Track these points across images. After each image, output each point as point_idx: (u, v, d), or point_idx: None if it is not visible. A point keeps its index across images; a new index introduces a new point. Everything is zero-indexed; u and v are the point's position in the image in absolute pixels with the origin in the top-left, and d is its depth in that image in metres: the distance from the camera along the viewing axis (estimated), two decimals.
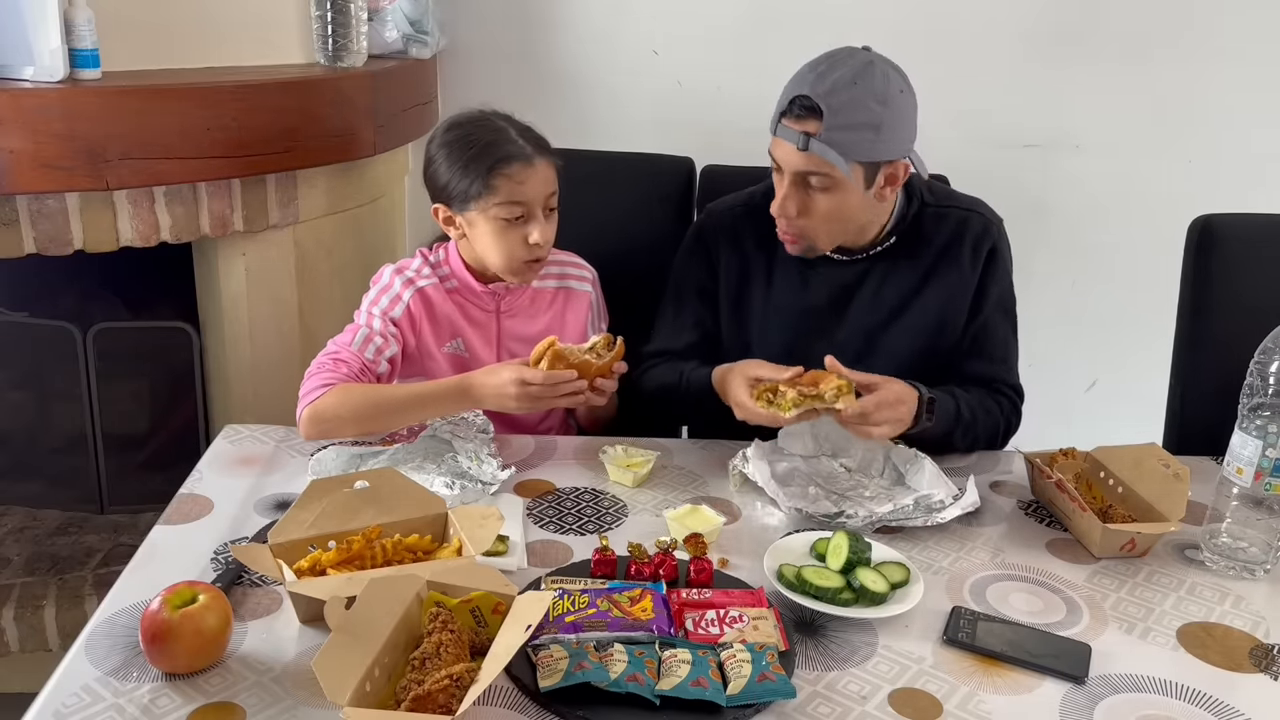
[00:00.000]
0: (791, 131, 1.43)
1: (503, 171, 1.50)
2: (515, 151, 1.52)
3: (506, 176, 1.51)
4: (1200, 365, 1.82)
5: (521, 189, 1.52)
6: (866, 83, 1.42)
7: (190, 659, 1.01)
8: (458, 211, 1.57)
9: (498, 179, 1.50)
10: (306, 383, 1.50)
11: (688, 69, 2.57)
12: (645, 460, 1.42)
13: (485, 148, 1.52)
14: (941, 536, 1.33)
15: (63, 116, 1.67)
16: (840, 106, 1.41)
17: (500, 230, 1.53)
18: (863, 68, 1.42)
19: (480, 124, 1.56)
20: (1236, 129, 2.52)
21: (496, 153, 1.51)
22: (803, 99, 1.42)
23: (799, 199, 1.49)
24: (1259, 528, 1.27)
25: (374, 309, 1.59)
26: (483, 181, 1.51)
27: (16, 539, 2.18)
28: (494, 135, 1.53)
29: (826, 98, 1.40)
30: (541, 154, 1.55)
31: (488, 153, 1.51)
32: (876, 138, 1.44)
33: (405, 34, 2.34)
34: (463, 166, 1.52)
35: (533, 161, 1.53)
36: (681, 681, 0.98)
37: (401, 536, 1.17)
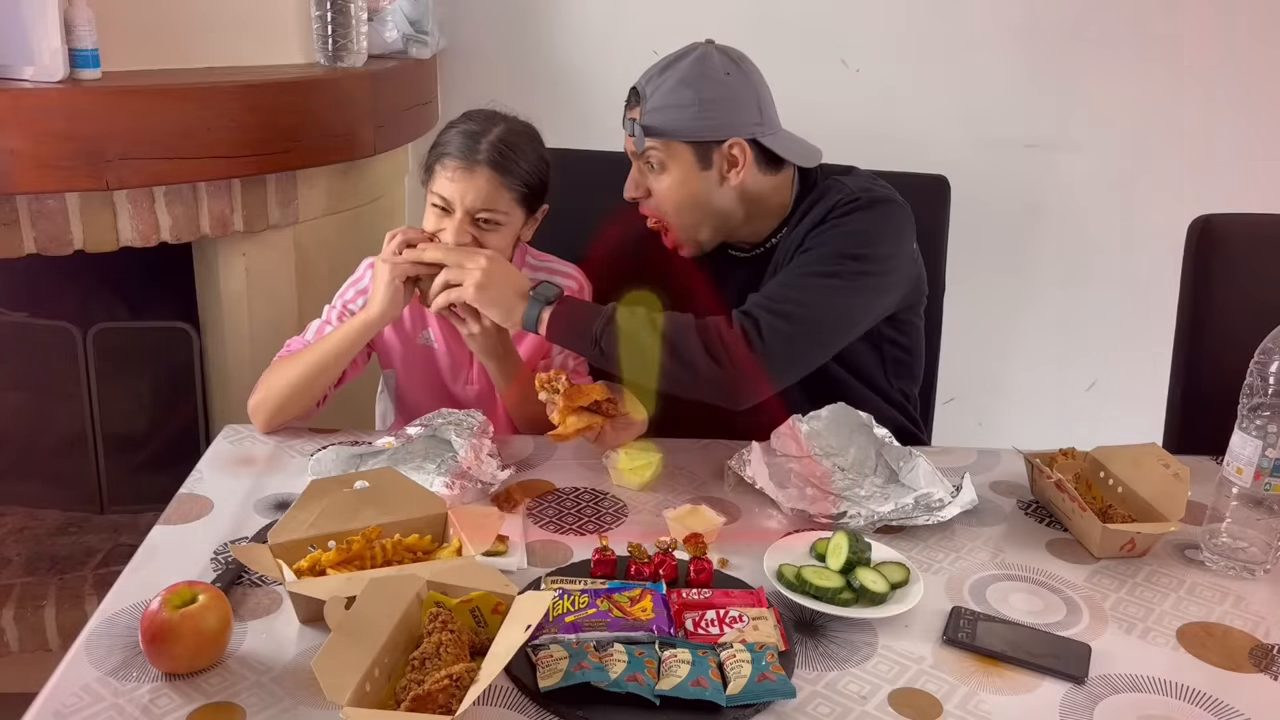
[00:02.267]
0: (627, 120, 1.55)
1: (442, 162, 1.50)
2: (461, 150, 1.48)
3: (443, 168, 1.50)
4: (1200, 365, 1.82)
5: (450, 186, 1.48)
6: (679, 68, 1.51)
7: (190, 659, 1.01)
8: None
9: (436, 167, 1.51)
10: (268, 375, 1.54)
11: None
12: (649, 462, 1.42)
13: (446, 139, 1.52)
14: (941, 536, 1.33)
15: (63, 116, 1.67)
16: (653, 91, 1.51)
17: (432, 219, 1.52)
18: (683, 53, 1.53)
19: (472, 117, 1.55)
20: (1236, 129, 2.52)
21: (448, 145, 1.51)
22: (632, 90, 1.54)
23: (636, 181, 1.57)
24: (1259, 528, 1.27)
25: (338, 300, 1.62)
26: (429, 166, 1.53)
27: (16, 539, 2.18)
28: (465, 130, 1.51)
29: (644, 84, 1.52)
30: (491, 168, 1.47)
31: (440, 142, 1.53)
32: (697, 116, 1.49)
33: (405, 34, 2.34)
34: (431, 148, 1.55)
35: (472, 168, 1.47)
36: (681, 681, 0.98)
37: (401, 536, 1.17)
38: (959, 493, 1.35)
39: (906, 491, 1.37)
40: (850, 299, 1.48)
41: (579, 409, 1.37)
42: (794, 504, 1.35)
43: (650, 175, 1.56)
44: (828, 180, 1.59)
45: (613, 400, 1.39)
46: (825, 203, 1.54)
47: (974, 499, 1.34)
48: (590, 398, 1.37)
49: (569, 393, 1.37)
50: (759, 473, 1.39)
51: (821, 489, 1.41)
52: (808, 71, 2.48)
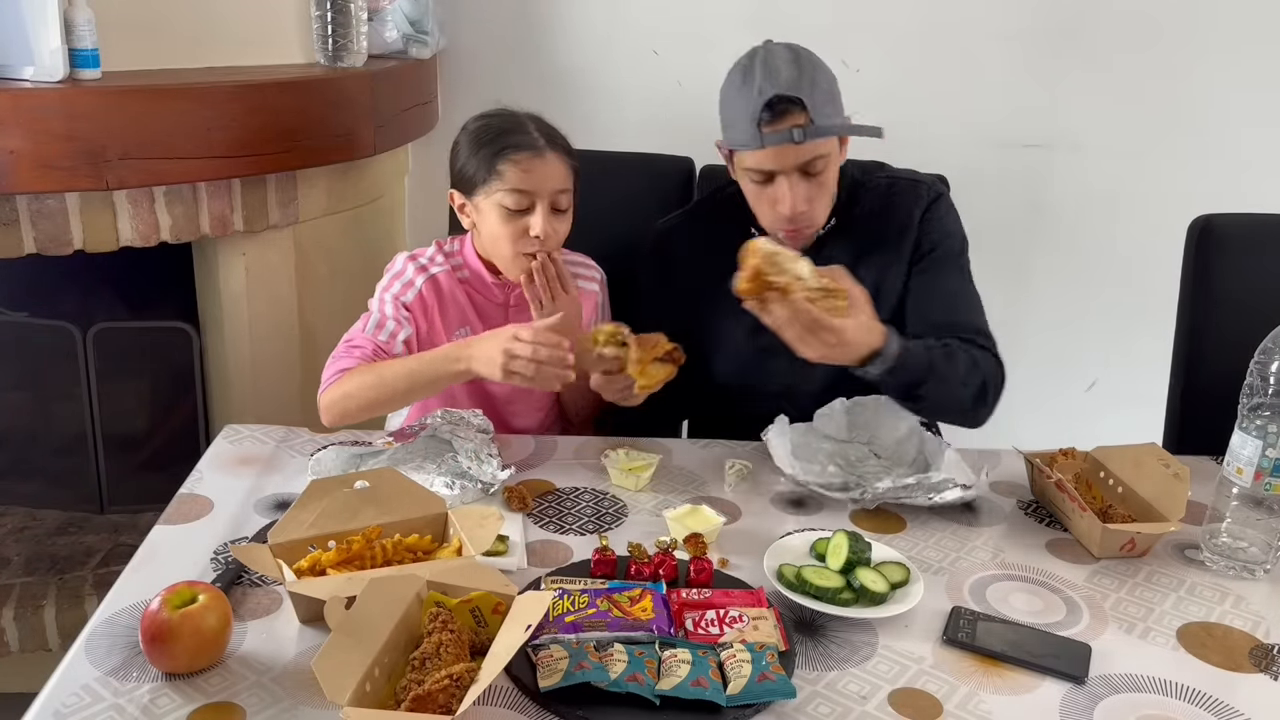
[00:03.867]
0: (780, 133, 1.44)
1: (510, 157, 1.51)
2: (526, 141, 1.53)
3: (514, 163, 1.51)
4: (1200, 365, 1.82)
5: (527, 177, 1.51)
6: (809, 61, 1.48)
7: (190, 659, 1.01)
8: (468, 197, 1.57)
9: (505, 164, 1.51)
10: (324, 372, 1.51)
11: (688, 69, 2.57)
12: (647, 464, 1.42)
13: (500, 134, 1.54)
14: (942, 536, 1.33)
15: (63, 116, 1.67)
16: (810, 87, 1.44)
17: (503, 218, 1.53)
18: (792, 54, 1.48)
19: (501, 115, 1.58)
20: (1236, 129, 2.52)
21: (507, 139, 1.53)
22: (780, 99, 1.42)
23: (806, 191, 1.49)
24: (1259, 528, 1.27)
25: (386, 294, 1.60)
26: (489, 166, 1.52)
27: (16, 539, 2.18)
28: (511, 124, 1.55)
29: (797, 87, 1.43)
30: (554, 148, 1.55)
31: (500, 139, 1.53)
32: (838, 102, 1.49)
33: (405, 34, 2.34)
34: (476, 151, 1.54)
35: (543, 153, 1.53)
36: (681, 681, 0.98)
37: (401, 536, 1.17)
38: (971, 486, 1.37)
39: (911, 473, 1.37)
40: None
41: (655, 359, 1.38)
42: (805, 476, 1.37)
43: (811, 180, 1.49)
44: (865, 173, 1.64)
45: (678, 347, 1.42)
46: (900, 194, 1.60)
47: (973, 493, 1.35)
48: (662, 347, 1.41)
49: (641, 342, 1.40)
50: (779, 446, 1.41)
51: (846, 470, 1.43)
52: None
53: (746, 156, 1.48)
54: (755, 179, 1.50)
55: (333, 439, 1.50)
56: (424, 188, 2.64)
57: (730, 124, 1.50)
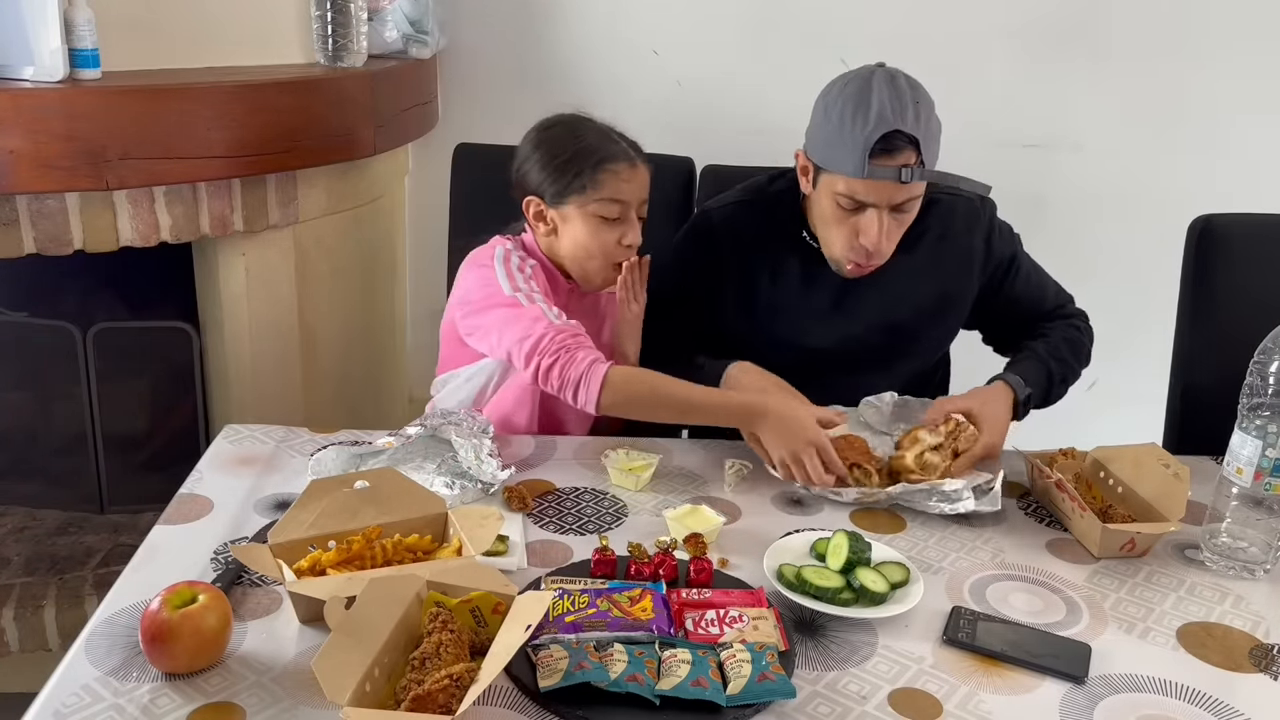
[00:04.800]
0: (887, 169, 1.42)
1: (609, 168, 1.53)
2: (621, 152, 1.55)
3: (613, 173, 1.53)
4: (1200, 365, 1.82)
5: (626, 187, 1.54)
6: (925, 98, 1.46)
7: (190, 659, 1.00)
8: (552, 206, 1.57)
9: (604, 174, 1.53)
10: (562, 369, 1.44)
11: (688, 69, 2.57)
12: (647, 464, 1.42)
13: (593, 145, 1.55)
14: (942, 536, 1.33)
15: (63, 116, 1.67)
16: (924, 129, 1.43)
17: (596, 228, 1.55)
18: (910, 84, 1.45)
19: (583, 123, 1.59)
20: (1236, 129, 2.52)
21: (604, 150, 1.54)
22: (898, 135, 1.41)
23: (892, 227, 1.49)
24: (1259, 528, 1.27)
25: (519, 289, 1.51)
26: (589, 175, 1.53)
27: (16, 539, 2.18)
28: (600, 135, 1.57)
29: (915, 127, 1.42)
30: (642, 159, 1.58)
31: (596, 149, 1.54)
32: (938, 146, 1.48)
33: (405, 34, 2.34)
34: (567, 160, 1.54)
35: (635, 164, 1.56)
36: (681, 681, 0.98)
37: (401, 536, 1.17)
38: (987, 492, 1.37)
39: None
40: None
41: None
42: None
43: (898, 216, 1.49)
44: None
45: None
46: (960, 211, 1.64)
47: (997, 505, 1.35)
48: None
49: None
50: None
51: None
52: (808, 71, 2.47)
53: (840, 181, 1.46)
54: (844, 204, 1.48)
55: (333, 439, 1.50)
56: (424, 188, 2.64)
57: (832, 144, 1.46)
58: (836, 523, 1.34)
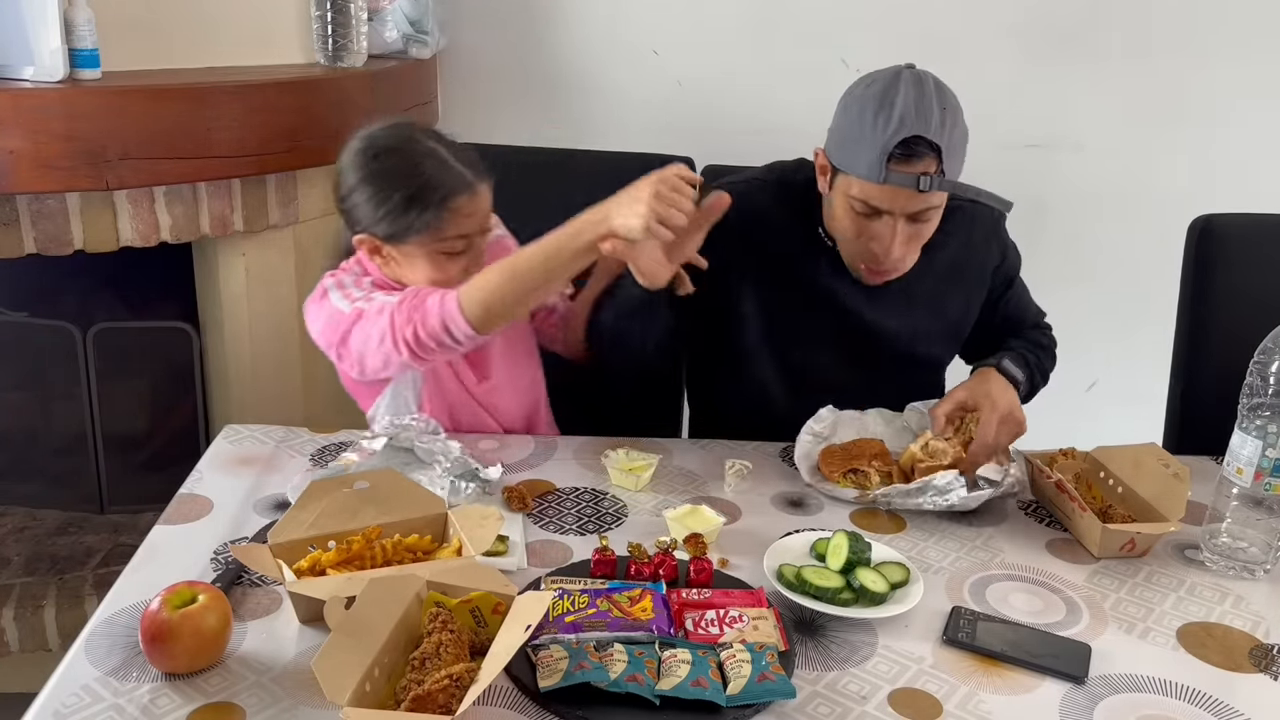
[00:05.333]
0: (906, 175, 1.35)
1: (451, 205, 1.41)
2: (460, 182, 1.42)
3: (454, 211, 1.41)
4: (1200, 365, 1.82)
5: (469, 221, 1.43)
6: (952, 104, 1.39)
7: (190, 659, 1.01)
8: (389, 243, 1.46)
9: (446, 213, 1.41)
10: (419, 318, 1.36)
11: (688, 69, 2.56)
12: (647, 465, 1.42)
13: (428, 182, 1.41)
14: (941, 536, 1.33)
15: (63, 116, 1.67)
16: (948, 137, 1.37)
17: (440, 264, 1.44)
18: (938, 90, 1.38)
19: (411, 151, 1.44)
20: (1236, 129, 2.52)
21: (444, 185, 1.41)
22: (919, 140, 1.34)
23: (909, 237, 1.44)
24: (1259, 528, 1.27)
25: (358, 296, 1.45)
26: (431, 215, 1.41)
27: (16, 539, 2.18)
28: (437, 163, 1.42)
29: (939, 134, 1.35)
30: (481, 178, 1.45)
31: (435, 184, 1.41)
32: (964, 156, 1.42)
33: (405, 34, 2.34)
34: (403, 202, 1.41)
35: (476, 190, 1.44)
36: (681, 681, 0.98)
37: (401, 536, 1.17)
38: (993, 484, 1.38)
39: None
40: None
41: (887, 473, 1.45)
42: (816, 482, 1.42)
43: (916, 226, 1.43)
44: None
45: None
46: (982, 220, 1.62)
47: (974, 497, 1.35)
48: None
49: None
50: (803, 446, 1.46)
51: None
52: (808, 71, 2.48)
53: (855, 184, 1.40)
54: (859, 209, 1.42)
55: (333, 439, 1.50)
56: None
57: (850, 144, 1.40)
58: (836, 523, 1.34)
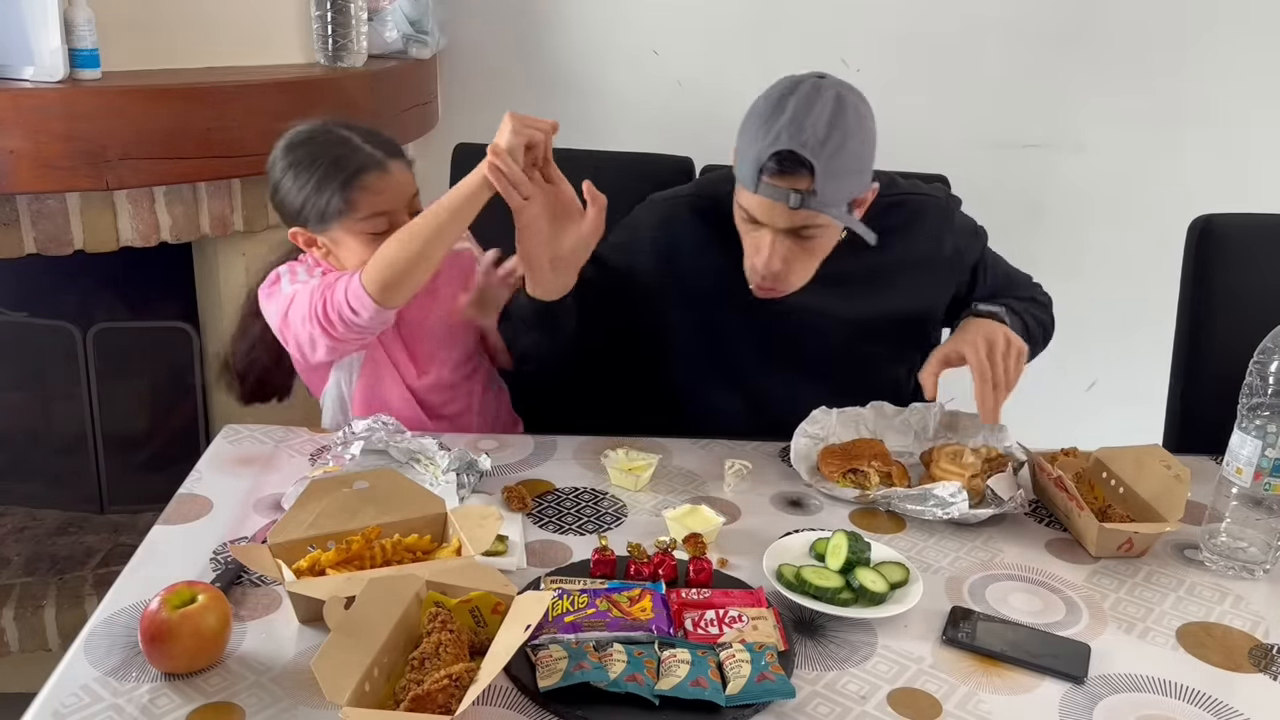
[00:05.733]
0: (777, 189, 1.33)
1: (359, 184, 1.43)
2: (368, 161, 1.44)
3: (363, 188, 1.43)
4: (1200, 365, 1.82)
5: (382, 198, 1.44)
6: (846, 126, 1.34)
7: (189, 659, 1.01)
8: (318, 232, 1.48)
9: (355, 193, 1.43)
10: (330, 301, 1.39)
11: (688, 69, 2.57)
12: (647, 464, 1.42)
13: (335, 162, 1.44)
14: (941, 536, 1.33)
15: (63, 116, 1.67)
16: (828, 158, 1.31)
17: (368, 243, 1.44)
18: (836, 108, 1.34)
19: (324, 138, 1.48)
20: (1236, 129, 2.52)
21: (349, 165, 1.43)
22: (786, 154, 1.31)
23: (785, 254, 1.41)
24: (1258, 528, 1.27)
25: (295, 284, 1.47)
26: (341, 198, 1.43)
27: (16, 539, 2.18)
28: (341, 148, 1.45)
29: (813, 151, 1.30)
30: (394, 158, 1.48)
31: (339, 166, 1.43)
32: (861, 178, 1.39)
33: (405, 34, 2.34)
34: (316, 185, 1.44)
35: (387, 168, 1.45)
36: (681, 681, 0.98)
37: (401, 536, 1.17)
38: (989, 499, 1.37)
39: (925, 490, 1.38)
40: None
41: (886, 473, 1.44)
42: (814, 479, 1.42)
43: (797, 242, 1.41)
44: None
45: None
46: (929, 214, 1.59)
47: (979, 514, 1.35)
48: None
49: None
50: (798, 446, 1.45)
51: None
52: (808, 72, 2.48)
53: (742, 192, 1.40)
54: (743, 218, 1.43)
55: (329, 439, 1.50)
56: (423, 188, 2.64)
57: (740, 150, 1.39)
58: (836, 523, 1.34)
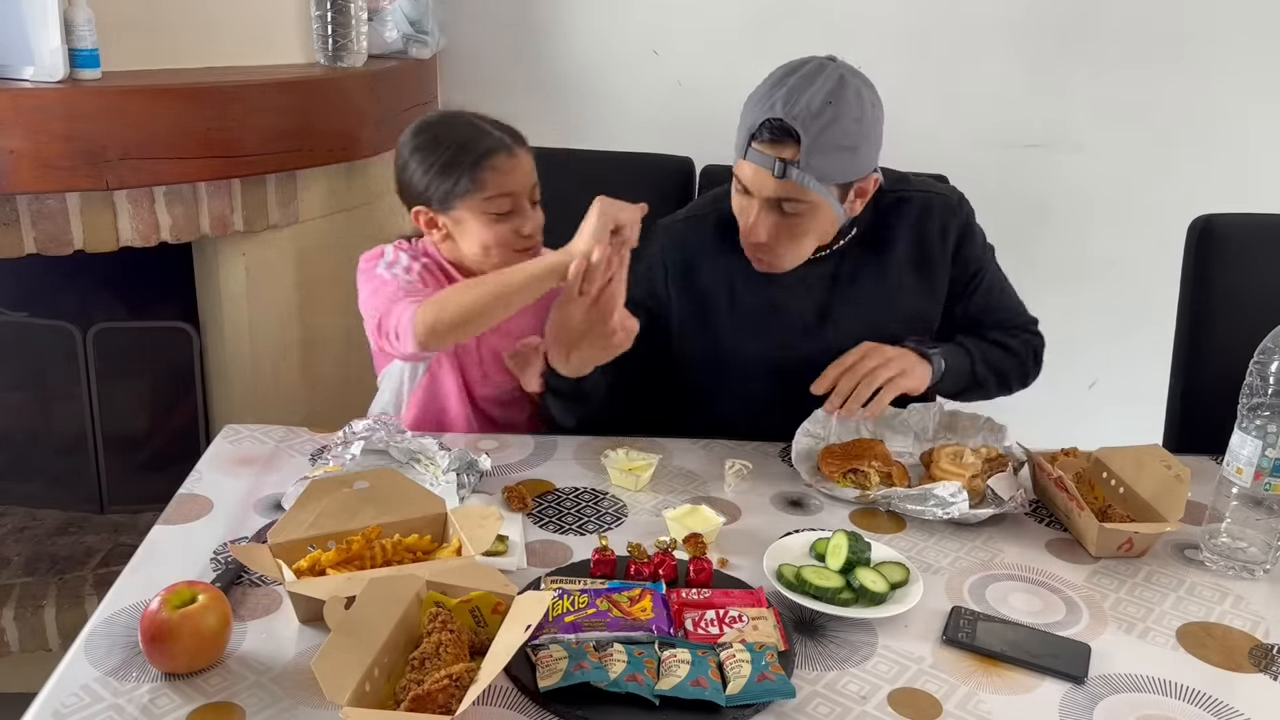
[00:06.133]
0: (764, 156, 1.38)
1: (488, 164, 1.49)
2: (497, 144, 1.51)
3: (493, 169, 1.49)
4: (1200, 365, 1.82)
5: (509, 179, 1.51)
6: (842, 103, 1.36)
7: (190, 659, 1.01)
8: (440, 212, 1.54)
9: (484, 172, 1.49)
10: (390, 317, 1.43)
11: (688, 69, 2.57)
12: (647, 464, 1.42)
13: (466, 143, 1.51)
14: (942, 536, 1.33)
15: (63, 116, 1.67)
16: (818, 131, 1.34)
17: (490, 225, 1.51)
18: (836, 86, 1.36)
19: (453, 122, 1.55)
20: (1236, 129, 2.52)
21: (478, 147, 1.50)
22: (776, 122, 1.35)
23: (770, 224, 1.44)
24: (1259, 528, 1.27)
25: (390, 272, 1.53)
26: (469, 177, 1.49)
27: (16, 539, 2.18)
28: (471, 131, 1.52)
29: (803, 122, 1.34)
30: (520, 145, 1.54)
31: (469, 148, 1.50)
32: (854, 159, 1.40)
33: (405, 34, 2.34)
34: (444, 165, 1.50)
35: (514, 152, 1.52)
36: (681, 681, 0.98)
37: (401, 536, 1.17)
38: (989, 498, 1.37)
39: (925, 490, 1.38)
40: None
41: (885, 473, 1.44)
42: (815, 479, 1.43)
43: (782, 217, 1.43)
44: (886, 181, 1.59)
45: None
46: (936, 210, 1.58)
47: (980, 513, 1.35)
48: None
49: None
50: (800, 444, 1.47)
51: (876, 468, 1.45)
52: None
53: (738, 163, 1.45)
54: (737, 188, 1.47)
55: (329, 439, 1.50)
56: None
57: (740, 121, 1.45)
58: (836, 523, 1.34)
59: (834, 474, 1.42)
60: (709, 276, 1.59)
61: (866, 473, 1.41)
